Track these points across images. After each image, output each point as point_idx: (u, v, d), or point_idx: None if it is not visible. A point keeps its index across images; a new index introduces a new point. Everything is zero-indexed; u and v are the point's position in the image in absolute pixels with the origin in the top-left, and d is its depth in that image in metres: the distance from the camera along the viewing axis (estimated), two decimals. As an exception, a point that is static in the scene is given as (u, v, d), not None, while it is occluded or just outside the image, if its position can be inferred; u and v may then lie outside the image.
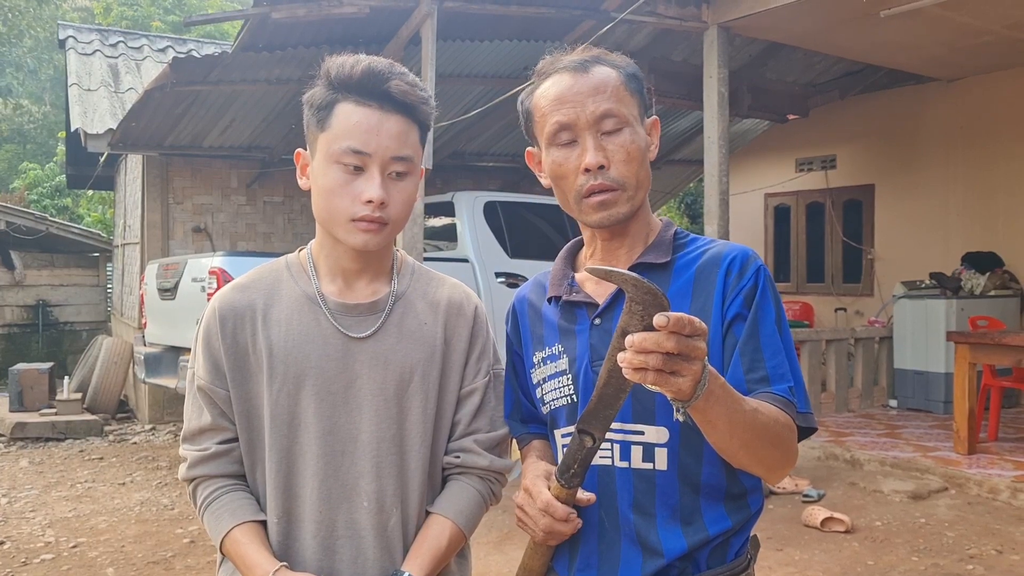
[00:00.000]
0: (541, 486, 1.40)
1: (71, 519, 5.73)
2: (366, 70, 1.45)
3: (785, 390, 1.36)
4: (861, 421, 7.90)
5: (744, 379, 1.37)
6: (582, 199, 1.44)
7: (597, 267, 1.19)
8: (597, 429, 1.30)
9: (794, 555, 4.75)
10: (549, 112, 1.45)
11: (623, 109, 1.43)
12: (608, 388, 1.26)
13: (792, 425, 1.36)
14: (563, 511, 1.37)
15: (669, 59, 8.35)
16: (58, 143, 19.72)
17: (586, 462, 1.34)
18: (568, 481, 1.36)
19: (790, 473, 5.96)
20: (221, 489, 1.53)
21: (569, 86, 1.43)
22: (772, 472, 1.39)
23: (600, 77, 1.43)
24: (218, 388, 1.53)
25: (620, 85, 1.44)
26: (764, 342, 1.38)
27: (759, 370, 1.37)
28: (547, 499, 1.38)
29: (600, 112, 1.41)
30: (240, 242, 9.93)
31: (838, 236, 10.70)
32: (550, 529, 1.39)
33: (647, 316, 1.14)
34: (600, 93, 1.42)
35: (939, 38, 7.58)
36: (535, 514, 1.39)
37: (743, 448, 1.29)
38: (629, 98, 1.45)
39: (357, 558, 1.50)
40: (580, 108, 1.42)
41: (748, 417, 1.26)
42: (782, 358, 1.38)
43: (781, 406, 1.34)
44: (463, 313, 1.61)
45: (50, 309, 13.33)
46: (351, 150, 1.44)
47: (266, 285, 1.57)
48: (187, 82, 7.19)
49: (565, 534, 1.41)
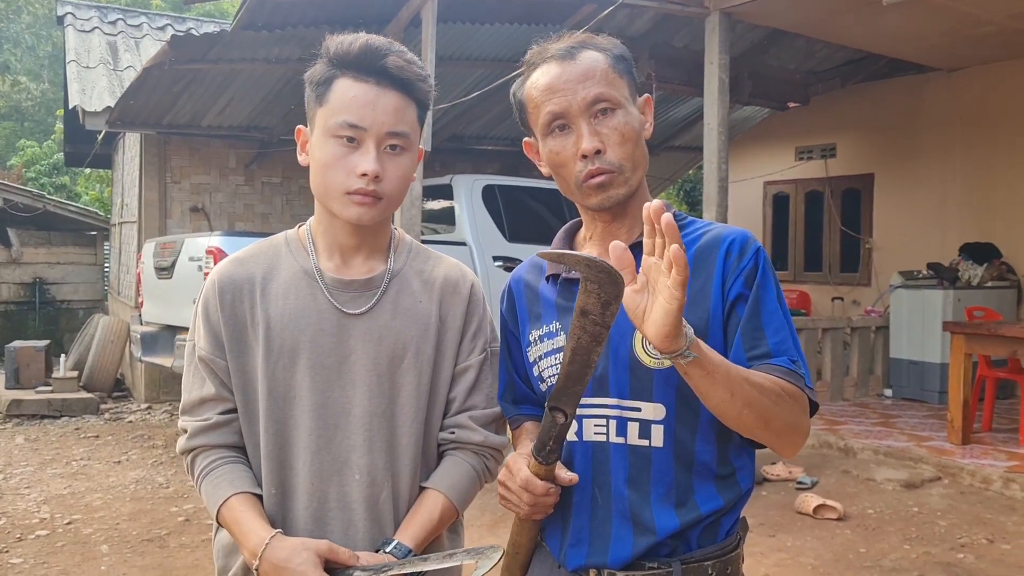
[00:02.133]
0: (521, 463, 1.42)
1: (66, 496, 5.74)
2: (364, 46, 1.47)
3: (788, 362, 1.37)
4: (856, 410, 7.92)
5: (746, 357, 1.38)
6: (582, 184, 1.45)
7: (549, 251, 1.23)
8: (567, 405, 1.32)
9: (786, 541, 4.77)
10: (541, 103, 1.46)
11: (613, 92, 1.44)
12: (574, 365, 1.29)
13: (799, 394, 1.36)
14: (542, 487, 1.39)
15: (670, 45, 8.31)
16: (56, 121, 19.65)
17: (560, 438, 1.36)
18: (545, 458, 1.37)
19: (784, 461, 5.99)
20: (220, 460, 1.54)
21: (558, 75, 1.44)
22: (783, 439, 1.39)
23: (588, 62, 1.44)
24: (218, 359, 1.55)
25: (608, 68, 1.45)
26: (766, 320, 1.39)
27: (761, 347, 1.38)
28: (526, 476, 1.39)
29: (591, 97, 1.42)
30: (238, 222, 9.92)
31: (836, 225, 10.70)
32: (532, 504, 1.40)
33: (603, 294, 1.19)
34: (589, 78, 1.43)
35: (941, 27, 7.55)
36: (516, 490, 1.41)
37: (747, 407, 1.30)
38: (618, 80, 1.46)
39: (348, 530, 1.51)
40: (571, 95, 1.43)
41: (745, 374, 1.30)
42: (785, 335, 1.39)
43: (783, 375, 1.35)
44: (458, 291, 1.62)
45: (47, 287, 13.31)
46: (347, 124, 1.46)
47: (265, 259, 1.59)
48: (186, 60, 7.16)
49: (548, 509, 1.43)
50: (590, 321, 1.23)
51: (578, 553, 1.46)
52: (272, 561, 1.41)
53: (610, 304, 1.21)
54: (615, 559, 1.42)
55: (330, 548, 1.42)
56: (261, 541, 1.43)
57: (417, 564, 1.43)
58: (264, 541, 1.43)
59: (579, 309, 1.23)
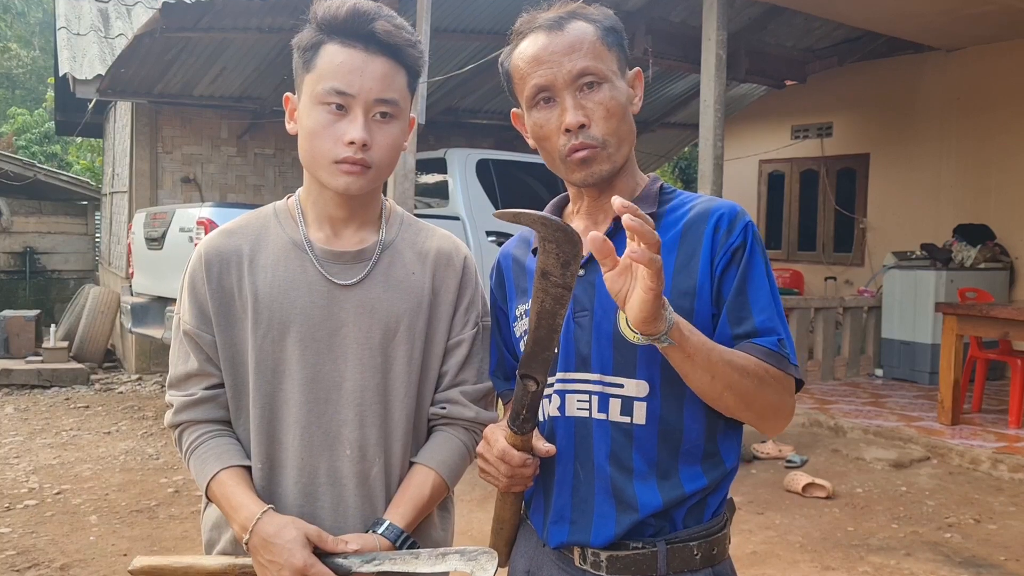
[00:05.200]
0: (498, 434, 1.40)
1: (55, 466, 5.73)
2: (351, 10, 1.43)
3: (774, 342, 1.35)
4: (846, 389, 7.95)
5: (731, 335, 1.36)
6: (565, 158, 1.43)
7: (504, 211, 1.20)
8: (538, 372, 1.30)
9: (775, 519, 4.79)
10: (527, 74, 1.43)
11: (600, 65, 1.40)
12: (540, 330, 1.27)
13: (783, 376, 1.35)
14: (519, 458, 1.37)
15: (667, 20, 8.25)
16: (47, 88, 19.45)
17: (533, 407, 1.34)
18: (520, 427, 1.35)
19: (773, 439, 6.01)
20: (207, 434, 1.52)
21: (544, 46, 1.41)
22: (765, 420, 1.39)
23: (575, 34, 1.41)
24: (204, 333, 1.52)
25: (596, 40, 1.41)
26: (752, 297, 1.37)
27: (747, 324, 1.36)
28: (502, 447, 1.38)
29: (577, 70, 1.39)
30: (230, 194, 9.85)
31: (831, 205, 10.69)
32: (509, 475, 1.39)
33: (562, 254, 1.17)
34: (576, 51, 1.39)
35: (940, 6, 7.51)
36: (494, 461, 1.39)
37: (728, 390, 1.30)
38: (607, 53, 1.42)
39: (338, 505, 1.50)
40: (557, 68, 1.39)
41: (727, 355, 1.29)
42: (771, 312, 1.37)
43: (766, 357, 1.34)
44: (452, 264, 1.59)
45: (37, 256, 13.23)
46: (334, 90, 1.42)
47: (253, 231, 1.56)
48: (177, 28, 7.07)
49: (527, 480, 1.41)
50: (551, 283, 1.21)
51: (560, 530, 1.44)
52: (261, 535, 1.40)
53: (569, 264, 1.19)
54: (598, 537, 1.40)
55: (319, 534, 1.41)
56: (252, 515, 1.42)
57: (408, 562, 1.40)
58: (255, 516, 1.41)
59: (539, 271, 1.21)
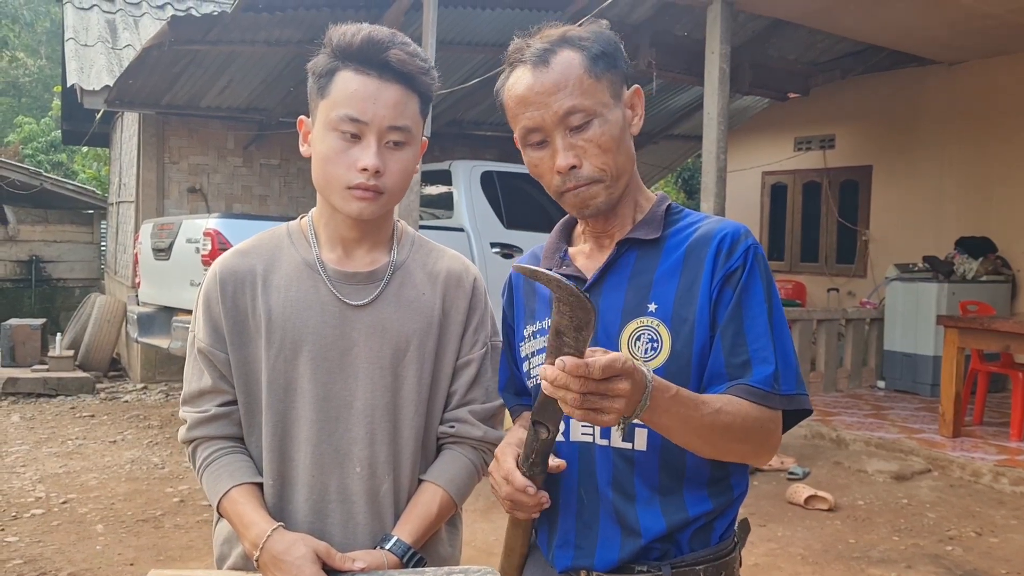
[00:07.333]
0: (508, 454, 1.40)
1: (61, 475, 5.76)
2: (366, 38, 1.46)
3: (766, 378, 1.33)
4: (849, 401, 7.97)
5: (725, 363, 1.35)
6: (560, 196, 1.45)
7: (522, 266, 1.20)
8: (549, 421, 1.30)
9: (777, 531, 4.81)
10: (516, 115, 1.42)
11: (587, 101, 1.37)
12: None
13: (769, 416, 1.34)
14: (521, 481, 1.36)
15: (671, 33, 8.29)
16: (54, 98, 19.56)
17: (544, 452, 1.34)
18: (529, 469, 1.36)
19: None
20: (220, 451, 1.55)
21: (530, 86, 1.38)
22: (745, 460, 1.41)
23: (560, 70, 1.37)
24: (218, 351, 1.55)
25: (583, 74, 1.37)
26: (747, 324, 1.36)
27: (741, 354, 1.35)
28: (509, 467, 1.38)
29: (564, 110, 1.36)
30: (235, 204, 9.89)
31: (833, 216, 10.71)
32: (511, 497, 1.38)
33: (575, 317, 1.15)
34: (562, 89, 1.36)
35: (943, 19, 7.54)
36: (499, 480, 1.40)
37: (706, 445, 1.31)
38: (595, 84, 1.38)
39: (348, 523, 1.53)
40: (544, 109, 1.37)
41: (708, 420, 1.27)
42: (765, 340, 1.35)
43: (757, 399, 1.32)
44: (462, 285, 1.62)
45: (43, 265, 13.28)
46: (348, 118, 1.45)
47: (267, 251, 1.59)
48: (185, 41, 7.12)
49: (530, 509, 1.39)
50: (565, 344, 1.17)
51: (565, 555, 1.45)
52: (272, 552, 1.43)
53: (582, 329, 1.15)
54: (602, 561, 1.41)
55: (328, 551, 1.43)
56: (263, 533, 1.45)
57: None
58: (266, 533, 1.44)
59: (554, 328, 1.18)
